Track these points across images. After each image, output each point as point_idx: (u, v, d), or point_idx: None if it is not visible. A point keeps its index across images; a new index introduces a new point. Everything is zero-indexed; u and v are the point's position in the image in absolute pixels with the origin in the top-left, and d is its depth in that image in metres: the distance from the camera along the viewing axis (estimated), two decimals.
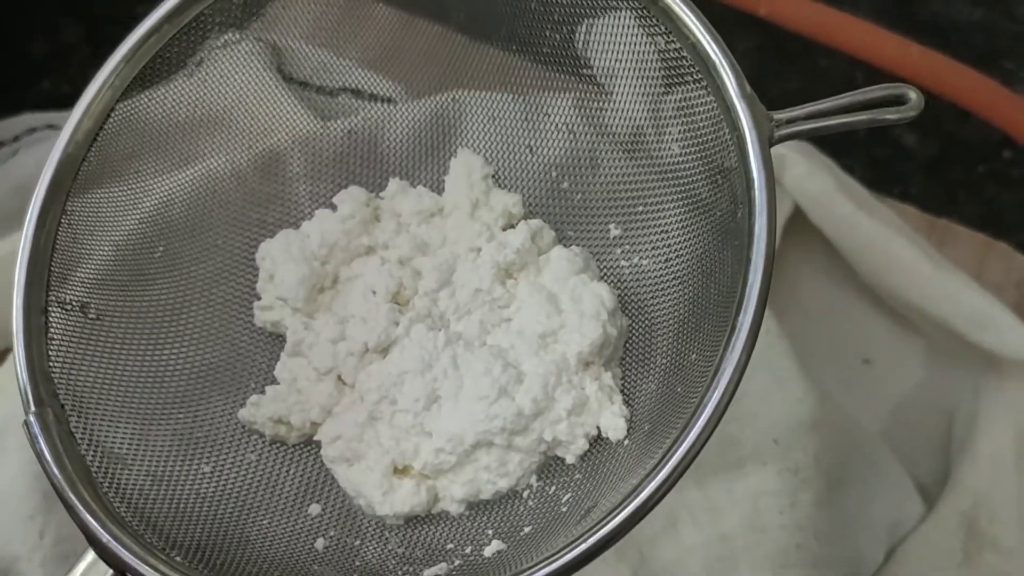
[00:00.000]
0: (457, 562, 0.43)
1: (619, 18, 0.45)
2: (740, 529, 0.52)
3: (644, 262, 0.47)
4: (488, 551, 0.43)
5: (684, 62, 0.42)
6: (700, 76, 0.42)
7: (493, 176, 0.51)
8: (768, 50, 0.75)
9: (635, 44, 0.45)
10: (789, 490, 0.52)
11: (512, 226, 0.49)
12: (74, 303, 0.44)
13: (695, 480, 0.53)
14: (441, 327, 0.47)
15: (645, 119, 0.46)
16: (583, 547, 0.36)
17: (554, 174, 0.50)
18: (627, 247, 0.48)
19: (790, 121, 0.40)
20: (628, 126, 0.47)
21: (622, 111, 0.47)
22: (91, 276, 0.45)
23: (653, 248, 0.47)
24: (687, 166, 0.45)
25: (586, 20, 0.46)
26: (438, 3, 0.50)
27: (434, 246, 0.49)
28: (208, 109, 0.49)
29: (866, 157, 0.72)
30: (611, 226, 0.48)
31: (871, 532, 0.55)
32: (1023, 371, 0.57)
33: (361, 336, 0.46)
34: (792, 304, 0.62)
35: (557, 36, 0.47)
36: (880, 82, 0.41)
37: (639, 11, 0.43)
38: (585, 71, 0.47)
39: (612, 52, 0.46)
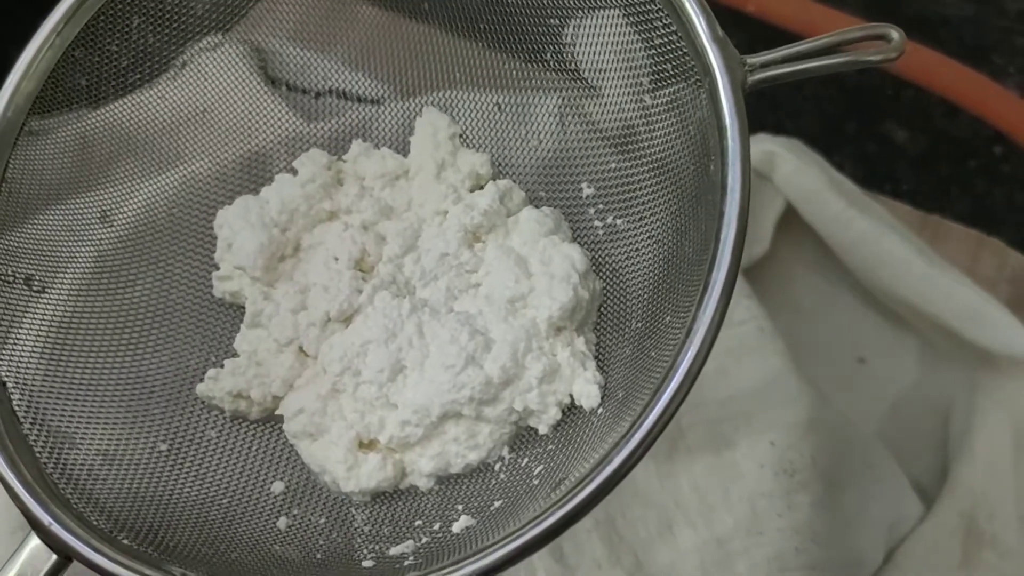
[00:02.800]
0: (424, 539, 0.41)
1: None
2: (737, 532, 0.51)
3: (618, 221, 0.45)
4: (456, 527, 0.41)
5: (652, 5, 0.40)
6: (669, 20, 0.39)
7: (460, 136, 0.48)
8: (757, 47, 0.73)
9: None
10: (786, 492, 0.51)
11: (480, 187, 0.47)
12: (18, 275, 0.42)
13: (690, 482, 0.52)
14: (406, 294, 0.45)
15: (614, 71, 0.43)
16: (548, 523, 0.35)
17: (523, 131, 0.48)
18: (600, 207, 0.46)
19: (764, 65, 0.38)
20: (596, 83, 0.44)
21: (590, 71, 0.45)
22: (36, 248, 0.43)
23: (626, 206, 0.44)
24: (660, 118, 0.42)
25: None
26: (423, 2, 0.49)
27: (399, 210, 0.47)
28: (192, 112, 0.48)
29: (856, 154, 0.70)
30: (583, 185, 0.46)
31: (870, 533, 0.54)
32: (1018, 367, 0.56)
33: (323, 305, 0.44)
34: (785, 303, 0.61)
35: None
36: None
37: None
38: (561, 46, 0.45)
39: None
